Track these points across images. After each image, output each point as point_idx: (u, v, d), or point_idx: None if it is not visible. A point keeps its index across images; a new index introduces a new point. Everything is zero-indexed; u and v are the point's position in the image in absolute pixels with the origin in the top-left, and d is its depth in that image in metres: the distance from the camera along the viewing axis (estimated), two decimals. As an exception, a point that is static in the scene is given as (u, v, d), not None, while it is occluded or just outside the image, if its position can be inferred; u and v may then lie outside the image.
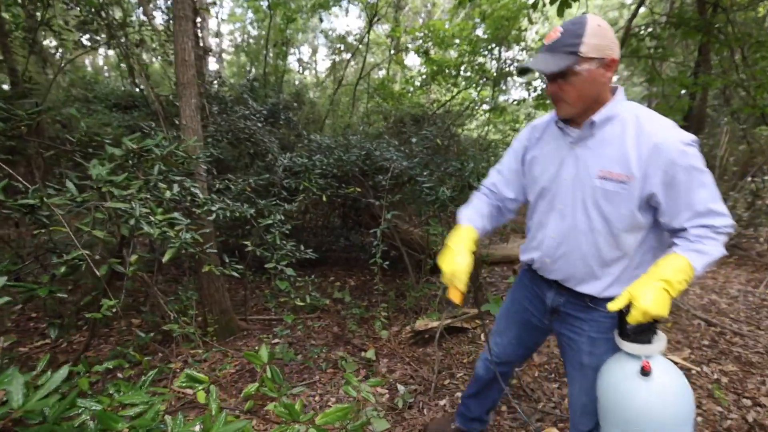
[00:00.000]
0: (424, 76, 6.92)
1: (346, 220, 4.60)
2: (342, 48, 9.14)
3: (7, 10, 4.63)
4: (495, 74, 6.31)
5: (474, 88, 6.81)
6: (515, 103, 6.56)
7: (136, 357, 1.56)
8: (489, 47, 6.20)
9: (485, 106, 6.99)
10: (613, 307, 0.98)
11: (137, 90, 5.36)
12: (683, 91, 4.79)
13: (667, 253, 1.02)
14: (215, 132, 3.24)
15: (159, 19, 5.78)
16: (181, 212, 1.73)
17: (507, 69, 6.44)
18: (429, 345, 2.52)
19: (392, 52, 8.48)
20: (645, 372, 0.95)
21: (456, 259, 1.12)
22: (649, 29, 4.80)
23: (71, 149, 1.69)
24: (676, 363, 2.22)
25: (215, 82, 3.71)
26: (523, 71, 1.07)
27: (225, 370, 1.73)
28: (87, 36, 4.78)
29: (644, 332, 0.98)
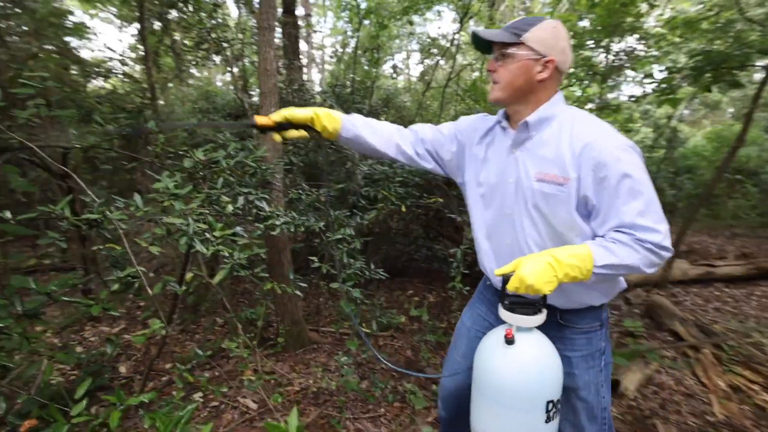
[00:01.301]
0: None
1: (428, 230, 4.36)
2: (432, 50, 8.93)
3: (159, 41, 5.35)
4: (603, 69, 5.53)
5: (578, 85, 6.08)
6: (633, 99, 5.66)
7: (188, 378, 1.53)
8: (597, 38, 5.46)
9: (590, 105, 6.19)
10: (499, 271, 0.99)
11: (240, 100, 5.79)
12: None
13: None
14: (297, 139, 3.25)
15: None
16: (245, 226, 1.67)
17: (619, 62, 5.60)
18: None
19: (485, 51, 8.01)
20: (508, 340, 0.97)
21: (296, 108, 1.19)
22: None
23: (151, 160, 1.73)
24: None
25: (301, 89, 3.77)
26: (474, 39, 1.08)
27: (279, 398, 1.63)
28: (215, 56, 5.30)
29: (526, 305, 0.98)
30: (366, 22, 7.48)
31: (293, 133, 1.19)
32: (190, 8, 4.69)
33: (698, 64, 3.17)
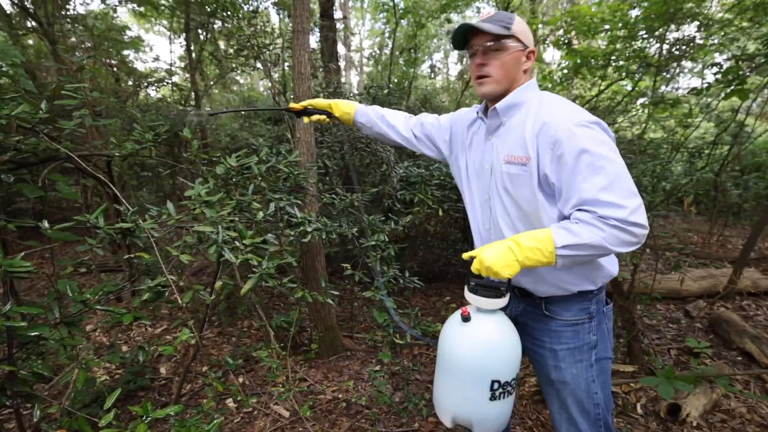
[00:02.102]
0: (564, 71, 6.06)
1: (467, 233, 4.22)
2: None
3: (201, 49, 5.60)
4: (659, 60, 5.12)
5: (629, 79, 5.67)
6: (694, 92, 5.18)
7: (218, 387, 1.52)
8: (651, 27, 5.06)
9: (643, 99, 5.75)
10: (465, 255, 1.02)
11: (278, 104, 5.89)
12: None
13: None
14: (332, 143, 3.23)
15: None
16: (276, 233, 1.64)
17: (676, 53, 5.15)
18: (559, 407, 1.99)
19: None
20: (464, 317, 1.03)
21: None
22: None
23: (186, 167, 1.75)
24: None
25: (336, 91, 3.75)
26: (461, 31, 1.08)
27: (308, 411, 1.58)
28: (254, 62, 5.46)
29: (489, 288, 1.02)
30: (404, 22, 7.41)
31: (316, 117, 1.44)
32: (232, 17, 4.82)
33: (774, 50, 2.83)
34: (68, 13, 5.59)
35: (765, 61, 3.07)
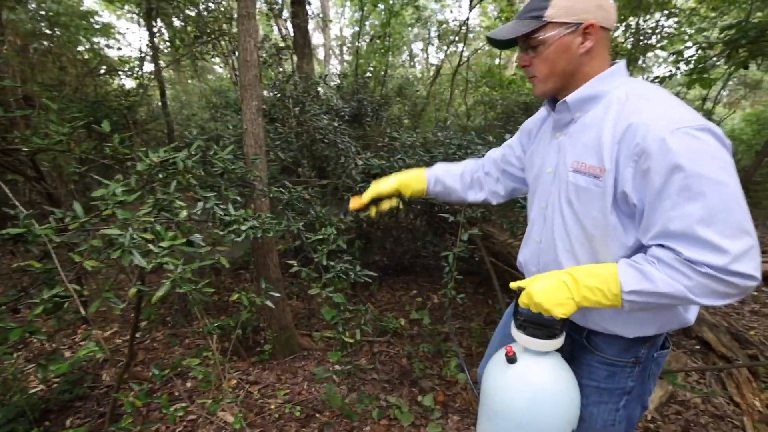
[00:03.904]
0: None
1: (434, 226, 4.16)
2: (450, 36, 8.59)
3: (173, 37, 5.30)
4: (630, 49, 5.13)
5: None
6: (657, 81, 5.24)
7: (136, 402, 1.41)
8: (621, 17, 5.07)
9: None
10: (514, 284, 0.90)
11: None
12: None
13: None
14: (287, 134, 3.10)
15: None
16: (208, 233, 1.53)
17: (646, 42, 5.18)
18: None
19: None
20: (508, 357, 0.91)
21: (380, 181, 1.22)
22: None
23: (109, 163, 1.61)
24: None
25: (290, 80, 3.59)
26: (493, 43, 0.93)
27: (238, 422, 1.48)
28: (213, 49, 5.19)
29: (540, 327, 0.88)
30: (381, 7, 7.24)
31: (386, 204, 1.25)
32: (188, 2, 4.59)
33: (731, 38, 2.82)
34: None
35: (725, 49, 3.07)
